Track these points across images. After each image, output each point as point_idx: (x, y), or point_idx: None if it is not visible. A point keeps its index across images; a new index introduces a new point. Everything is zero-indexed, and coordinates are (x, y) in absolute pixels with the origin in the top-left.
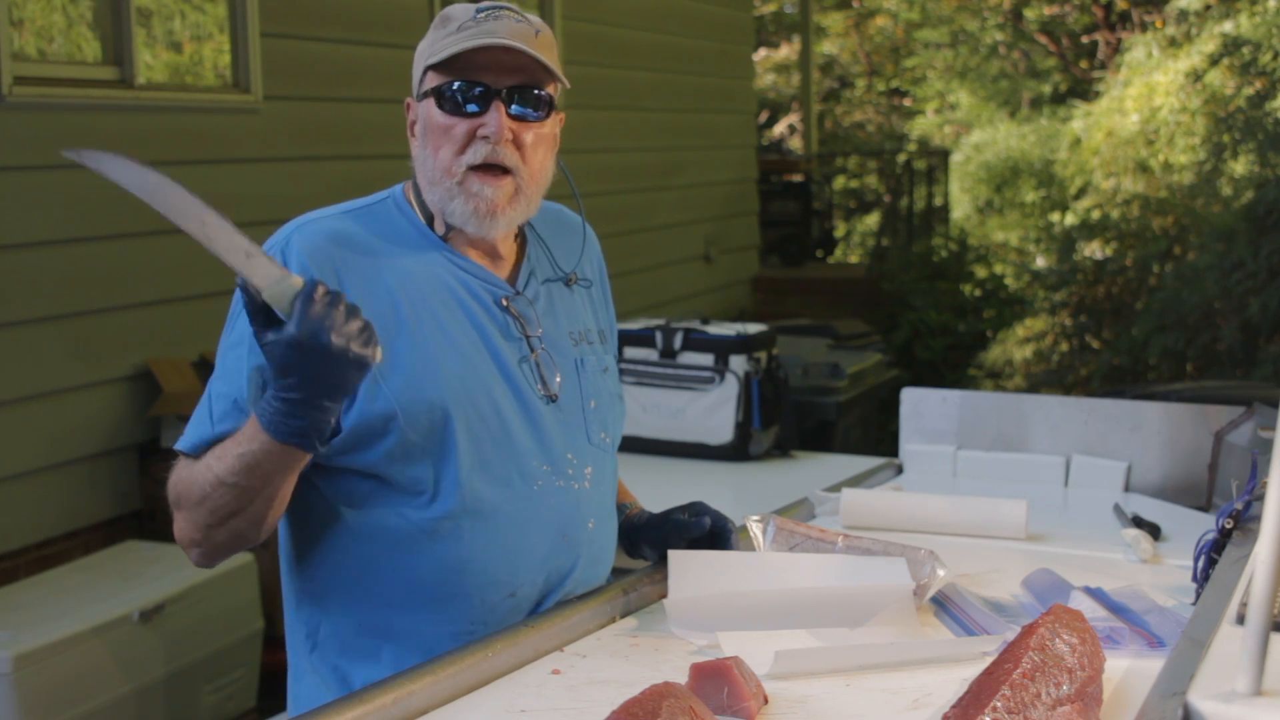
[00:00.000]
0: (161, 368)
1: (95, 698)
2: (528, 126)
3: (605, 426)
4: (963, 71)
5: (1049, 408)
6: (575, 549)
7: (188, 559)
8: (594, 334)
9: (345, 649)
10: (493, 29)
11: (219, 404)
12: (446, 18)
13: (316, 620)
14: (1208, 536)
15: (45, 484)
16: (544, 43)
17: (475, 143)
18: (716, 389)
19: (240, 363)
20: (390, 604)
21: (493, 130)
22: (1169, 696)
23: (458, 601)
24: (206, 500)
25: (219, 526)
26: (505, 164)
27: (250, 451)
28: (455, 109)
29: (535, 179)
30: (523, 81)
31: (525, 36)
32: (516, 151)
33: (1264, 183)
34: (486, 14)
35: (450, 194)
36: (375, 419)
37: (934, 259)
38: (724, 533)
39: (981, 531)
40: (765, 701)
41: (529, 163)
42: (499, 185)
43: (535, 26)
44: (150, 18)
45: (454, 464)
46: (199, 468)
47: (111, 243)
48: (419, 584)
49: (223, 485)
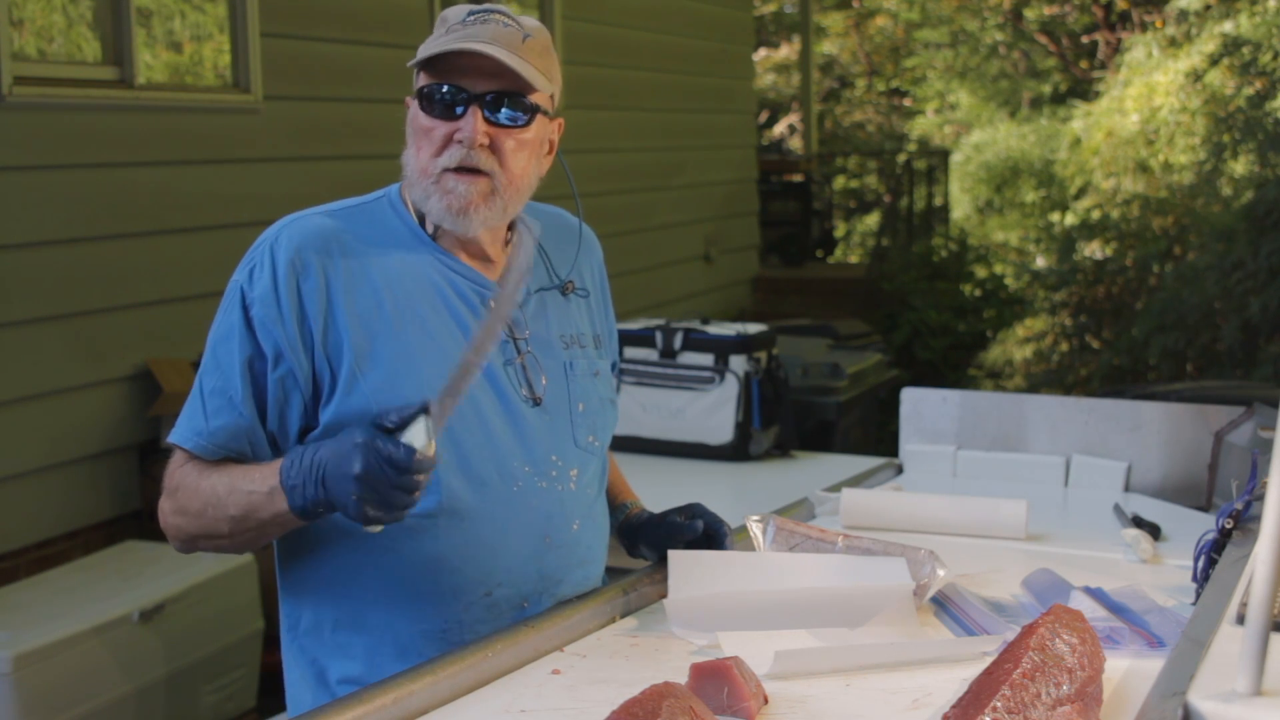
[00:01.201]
0: (161, 368)
1: (95, 698)
2: (507, 132)
3: (594, 430)
4: (963, 71)
5: (1049, 408)
6: (559, 551)
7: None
8: (587, 338)
9: (322, 642)
10: (476, 33)
11: (212, 400)
12: (443, 19)
13: (298, 613)
14: (1208, 536)
15: (45, 484)
16: (533, 48)
17: (451, 146)
18: (716, 389)
19: (231, 357)
20: (365, 599)
21: (466, 135)
22: (1169, 696)
23: (432, 600)
24: (203, 517)
25: (206, 539)
26: (480, 168)
27: (260, 504)
28: (436, 111)
29: (515, 183)
30: (502, 87)
31: (510, 41)
32: (493, 156)
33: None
34: (476, 17)
35: (427, 192)
36: (351, 414)
37: (934, 259)
38: (718, 535)
39: (981, 531)
40: (765, 701)
41: (507, 167)
42: (473, 183)
43: (525, 30)
44: (150, 18)
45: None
46: (205, 484)
47: (111, 243)
48: (395, 581)
49: (223, 516)
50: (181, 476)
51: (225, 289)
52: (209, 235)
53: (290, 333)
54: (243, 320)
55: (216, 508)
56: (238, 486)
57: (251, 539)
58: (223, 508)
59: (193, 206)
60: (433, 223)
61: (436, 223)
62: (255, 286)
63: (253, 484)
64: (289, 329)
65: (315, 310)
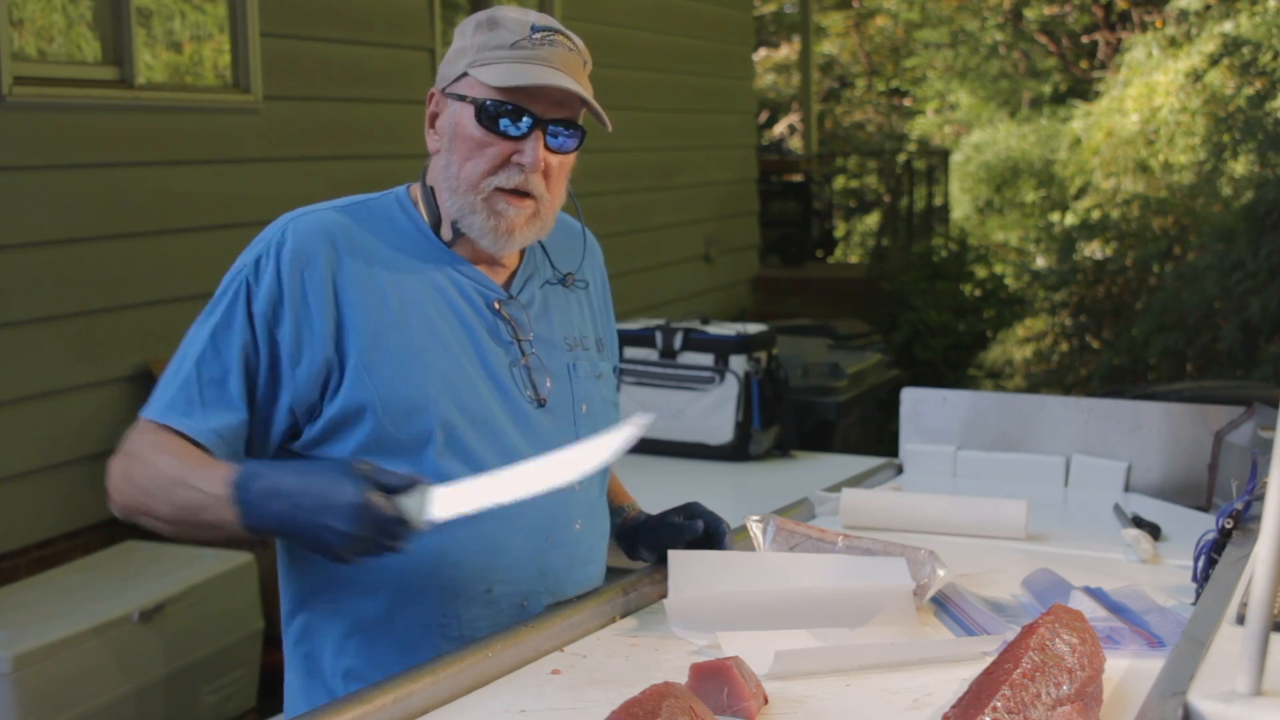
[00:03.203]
0: (161, 368)
1: (95, 698)
2: (558, 156)
3: (596, 431)
4: (963, 71)
5: (1049, 408)
6: (561, 550)
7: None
8: (590, 340)
9: (321, 634)
10: (548, 56)
11: (210, 389)
12: (496, 23)
13: (296, 605)
14: (1208, 536)
15: (45, 484)
16: (588, 72)
17: (509, 167)
18: (716, 389)
19: (232, 348)
20: (366, 592)
21: (529, 160)
22: (1169, 696)
23: (433, 594)
24: (147, 494)
25: (145, 516)
26: (533, 192)
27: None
28: (495, 128)
29: (554, 205)
30: (566, 116)
31: (576, 68)
32: (544, 180)
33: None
34: (542, 36)
35: (472, 207)
36: (353, 408)
37: (934, 259)
38: (718, 534)
39: (981, 531)
40: (765, 701)
41: (552, 190)
42: (521, 206)
43: (584, 55)
44: (150, 18)
45: (432, 460)
46: (158, 462)
47: (111, 243)
48: (396, 574)
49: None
50: (139, 443)
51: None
52: (209, 235)
53: (294, 330)
54: (245, 313)
55: (163, 490)
56: (186, 479)
57: (190, 532)
58: (167, 494)
59: (193, 206)
60: (468, 235)
61: (475, 239)
62: (261, 281)
63: (202, 483)
64: (293, 326)
65: (320, 305)
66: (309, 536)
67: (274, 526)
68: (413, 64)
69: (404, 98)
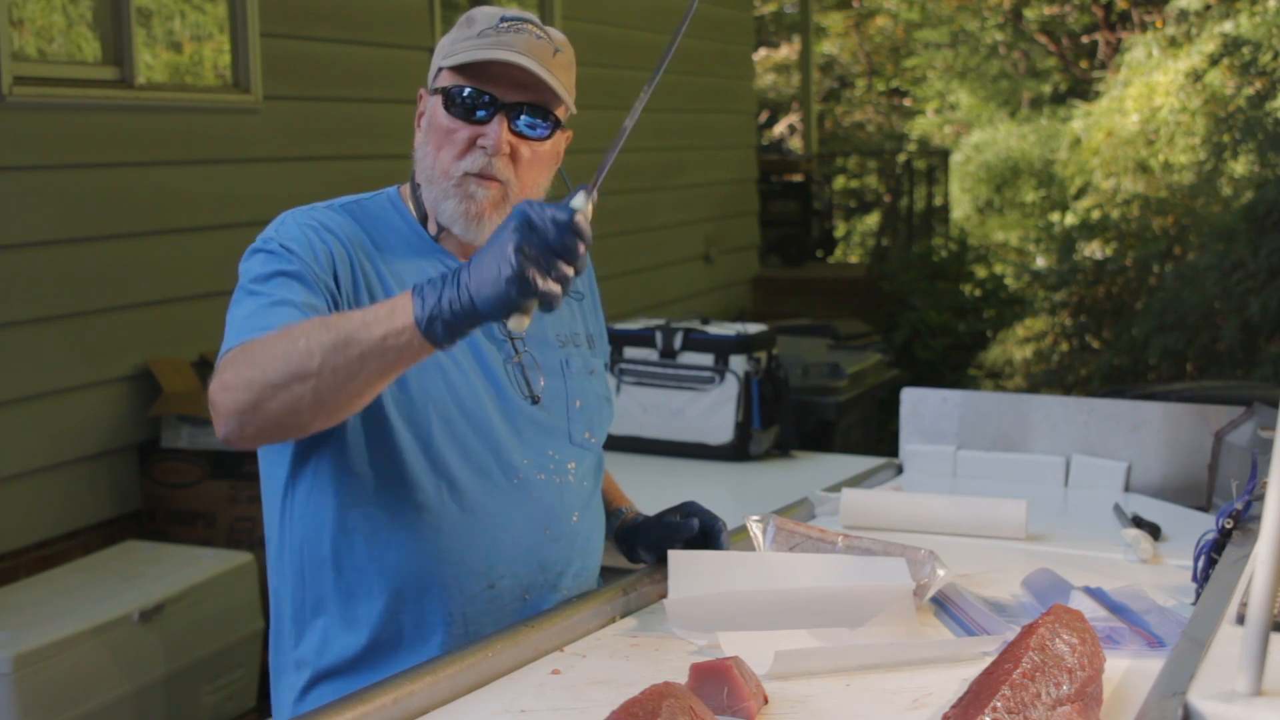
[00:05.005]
0: (161, 368)
1: (95, 698)
2: (527, 143)
3: (590, 426)
4: (963, 71)
5: (1049, 408)
6: (559, 542)
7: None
8: (581, 338)
9: (314, 633)
10: (511, 41)
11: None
12: (471, 19)
13: (300, 602)
14: (1208, 536)
15: (45, 484)
16: (561, 62)
17: (474, 151)
18: (716, 389)
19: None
20: (368, 591)
21: (491, 142)
22: (1169, 696)
23: (435, 592)
24: (288, 356)
25: (278, 390)
26: (498, 176)
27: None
28: (461, 114)
29: (525, 193)
30: (530, 99)
31: (542, 54)
32: (511, 165)
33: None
34: (510, 24)
35: (445, 194)
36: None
37: (934, 259)
38: (714, 531)
39: (981, 531)
40: (765, 701)
41: (521, 177)
42: (489, 189)
43: (555, 45)
44: (150, 18)
45: (432, 456)
46: (295, 328)
47: (111, 243)
48: (398, 573)
49: (315, 346)
50: (248, 342)
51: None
52: (209, 235)
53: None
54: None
55: (309, 336)
56: (343, 314)
57: (340, 381)
58: (318, 334)
59: (193, 206)
60: (443, 225)
61: (448, 225)
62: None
63: (364, 310)
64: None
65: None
66: (492, 278)
67: (454, 302)
68: (413, 64)
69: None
